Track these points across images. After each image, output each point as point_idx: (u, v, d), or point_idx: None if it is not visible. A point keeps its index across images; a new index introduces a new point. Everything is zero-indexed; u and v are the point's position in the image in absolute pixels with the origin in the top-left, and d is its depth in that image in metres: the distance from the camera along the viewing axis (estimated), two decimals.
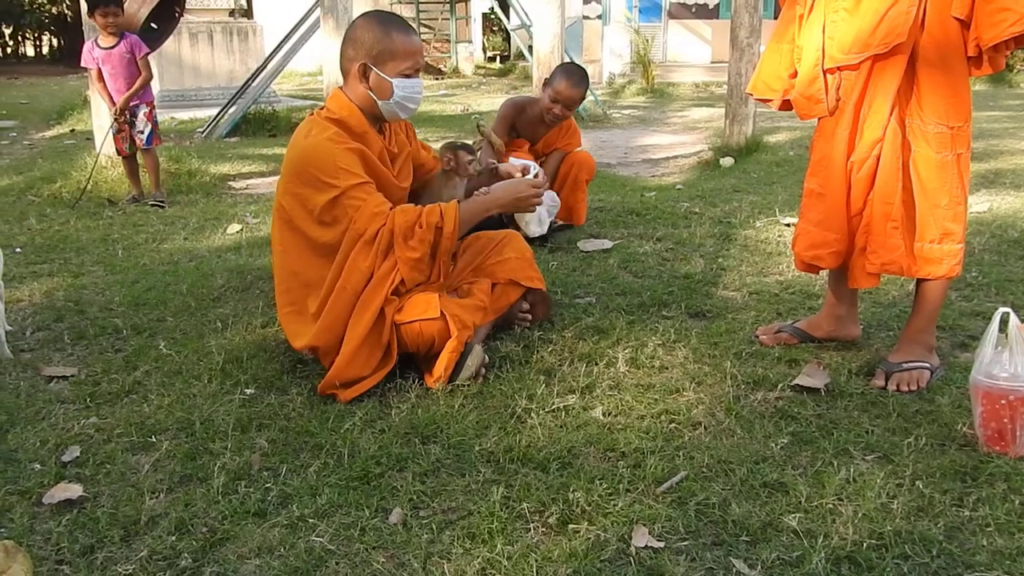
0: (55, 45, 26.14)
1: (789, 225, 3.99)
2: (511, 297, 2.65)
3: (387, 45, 2.33)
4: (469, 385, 2.30)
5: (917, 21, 2.12)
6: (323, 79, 6.74)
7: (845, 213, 2.31)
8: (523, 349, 2.56)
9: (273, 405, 2.22)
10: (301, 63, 15.33)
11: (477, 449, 1.97)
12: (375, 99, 2.36)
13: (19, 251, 3.88)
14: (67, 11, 22.93)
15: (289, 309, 2.39)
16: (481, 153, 2.88)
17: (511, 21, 15.30)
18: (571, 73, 3.94)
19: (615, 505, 1.73)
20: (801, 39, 2.36)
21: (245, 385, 2.34)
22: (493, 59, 21.19)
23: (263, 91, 8.57)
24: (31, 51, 26.64)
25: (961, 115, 2.18)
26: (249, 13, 16.87)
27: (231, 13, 11.84)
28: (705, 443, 1.99)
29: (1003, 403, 1.90)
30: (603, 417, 2.13)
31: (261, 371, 2.43)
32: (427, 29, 18.05)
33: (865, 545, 1.59)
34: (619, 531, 1.65)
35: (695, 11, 19.10)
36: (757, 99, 2.55)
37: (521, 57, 16.16)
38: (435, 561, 1.57)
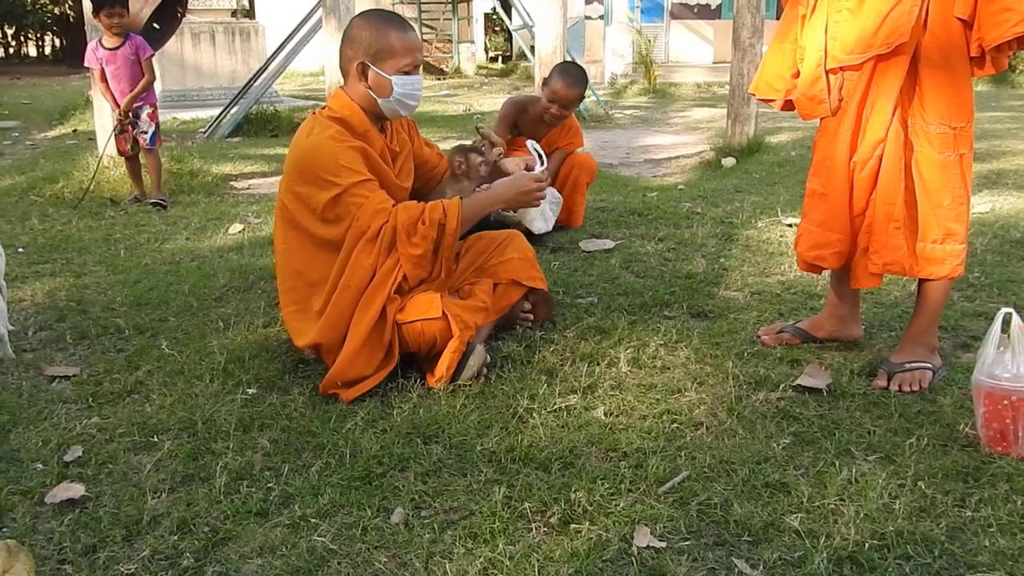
0: (57, 45, 26.18)
1: (791, 225, 3.99)
2: (513, 297, 2.65)
3: (385, 43, 2.34)
4: (471, 385, 2.30)
5: (920, 21, 2.12)
6: (325, 79, 6.74)
7: (848, 213, 2.30)
8: (525, 349, 2.56)
9: (275, 405, 2.23)
10: (303, 63, 15.34)
11: (479, 449, 1.97)
12: (375, 97, 2.37)
13: (21, 251, 3.88)
14: (69, 11, 22.95)
15: (293, 308, 2.40)
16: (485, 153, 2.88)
17: (513, 21, 15.31)
18: (568, 73, 3.93)
19: (617, 505, 1.73)
20: (803, 39, 2.35)
21: (247, 385, 2.35)
22: (495, 59, 21.20)
23: (265, 91, 8.57)
24: (33, 51, 26.68)
25: (963, 115, 2.18)
26: (251, 13, 16.88)
27: (233, 13, 11.85)
28: (707, 443, 1.99)
29: (1005, 404, 1.89)
30: (605, 417, 2.13)
31: (263, 371, 2.43)
32: (429, 29, 18.04)
33: (867, 545, 1.59)
34: (621, 531, 1.65)
35: (697, 11, 19.09)
36: (759, 99, 2.55)
37: (523, 57, 16.16)
38: (437, 561, 1.58)
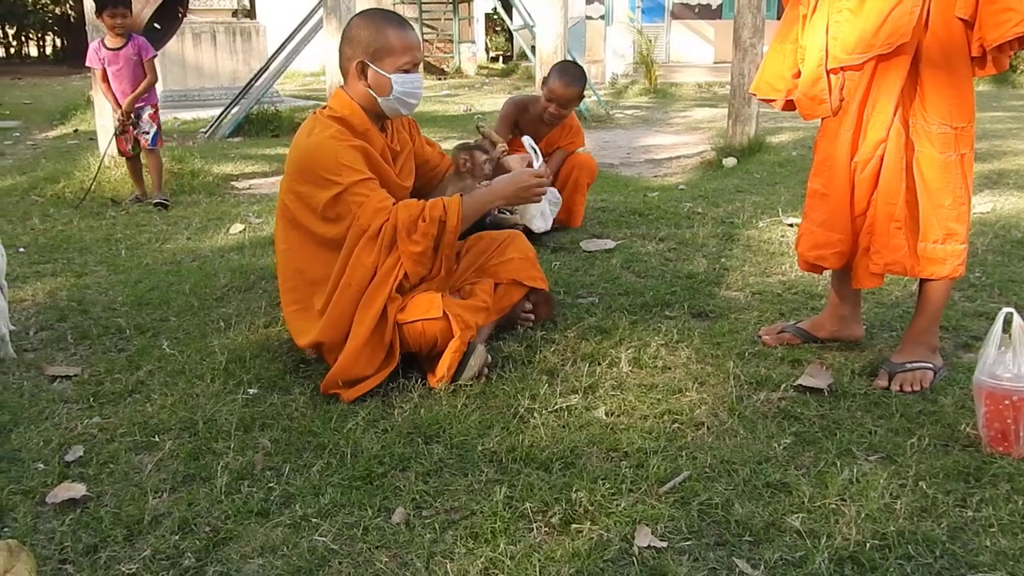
0: (58, 45, 26.21)
1: (792, 225, 3.99)
2: (514, 297, 2.65)
3: (383, 41, 2.34)
4: (472, 385, 2.30)
5: (921, 21, 2.12)
6: (326, 79, 6.74)
7: (849, 213, 2.30)
8: (526, 349, 2.56)
9: (276, 405, 2.23)
10: (304, 63, 15.35)
11: (480, 449, 1.97)
12: (375, 96, 2.37)
13: (22, 251, 3.88)
14: (70, 11, 22.98)
15: (294, 307, 2.40)
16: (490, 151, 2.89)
17: (514, 21, 15.32)
18: (565, 71, 3.93)
19: (618, 505, 1.73)
20: (804, 39, 2.35)
21: (248, 385, 2.35)
22: (496, 59, 21.20)
23: (266, 91, 8.58)
24: (34, 51, 26.71)
25: (965, 115, 2.18)
26: (252, 13, 16.90)
27: (234, 13, 11.87)
28: (708, 443, 1.99)
29: (1006, 404, 1.89)
30: (606, 417, 2.13)
31: (264, 371, 2.44)
32: (430, 29, 18.05)
33: (868, 545, 1.59)
34: (622, 531, 1.65)
35: (698, 11, 19.08)
36: (760, 99, 2.55)
37: (524, 57, 16.16)
38: (438, 561, 1.58)
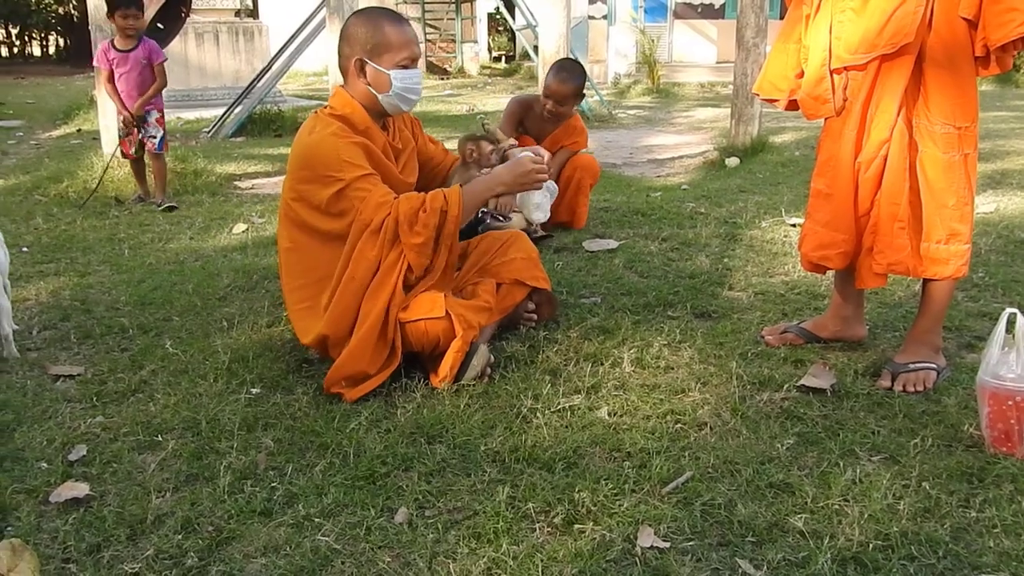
0: (61, 45, 26.25)
1: (795, 225, 3.99)
2: (516, 297, 2.65)
3: (380, 38, 2.35)
4: (475, 385, 2.30)
5: (924, 21, 2.12)
6: (328, 79, 6.76)
7: (853, 213, 2.30)
8: (528, 349, 2.56)
9: (279, 404, 2.23)
10: (307, 63, 15.36)
11: (483, 449, 1.97)
12: (375, 93, 2.37)
13: (26, 250, 3.89)
14: (73, 11, 23.01)
15: (302, 306, 2.39)
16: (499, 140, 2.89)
17: (516, 21, 15.33)
18: (562, 68, 3.97)
19: (620, 505, 1.73)
20: (808, 39, 2.35)
21: (251, 384, 2.35)
22: (498, 59, 21.21)
23: (269, 91, 8.58)
24: (37, 51, 26.75)
25: (968, 115, 2.18)
26: (255, 13, 16.93)
27: (237, 13, 11.86)
28: (711, 443, 1.99)
29: (1010, 404, 1.89)
30: (609, 417, 2.13)
31: (267, 370, 2.44)
32: (432, 29, 18.06)
33: (871, 546, 1.59)
34: (624, 531, 1.65)
35: (701, 11, 19.08)
36: (763, 99, 2.55)
37: (527, 57, 16.15)
38: (441, 561, 1.58)
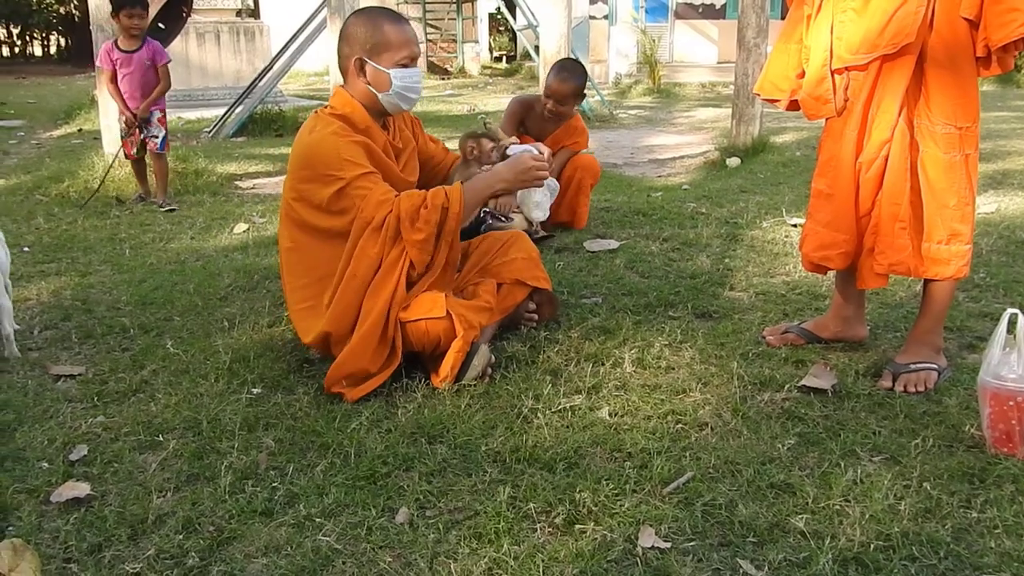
0: (62, 45, 26.27)
1: (796, 226, 3.98)
2: (517, 297, 2.65)
3: (380, 37, 2.35)
4: (475, 385, 2.30)
5: (926, 21, 2.12)
6: (329, 79, 6.76)
7: (854, 213, 2.30)
8: (529, 349, 2.56)
9: (280, 404, 2.23)
10: (308, 63, 15.34)
11: (483, 449, 1.97)
12: (375, 92, 2.38)
13: (27, 250, 3.89)
14: (75, 11, 23.03)
15: (304, 305, 2.39)
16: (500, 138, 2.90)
17: (517, 21, 15.31)
18: (562, 68, 3.98)
19: (621, 505, 1.73)
20: (809, 39, 2.35)
21: (252, 384, 2.35)
22: (499, 59, 21.20)
23: (270, 91, 8.58)
24: (39, 51, 26.77)
25: (969, 115, 2.18)
26: (256, 13, 16.93)
27: (238, 13, 11.87)
28: (712, 444, 1.99)
29: (1011, 404, 1.89)
30: (609, 417, 2.13)
31: (268, 370, 2.44)
32: (433, 29, 18.07)
33: (872, 546, 1.58)
34: (625, 531, 1.65)
35: (702, 11, 19.08)
36: (764, 99, 2.55)
37: (527, 57, 16.15)
38: (441, 561, 1.58)
